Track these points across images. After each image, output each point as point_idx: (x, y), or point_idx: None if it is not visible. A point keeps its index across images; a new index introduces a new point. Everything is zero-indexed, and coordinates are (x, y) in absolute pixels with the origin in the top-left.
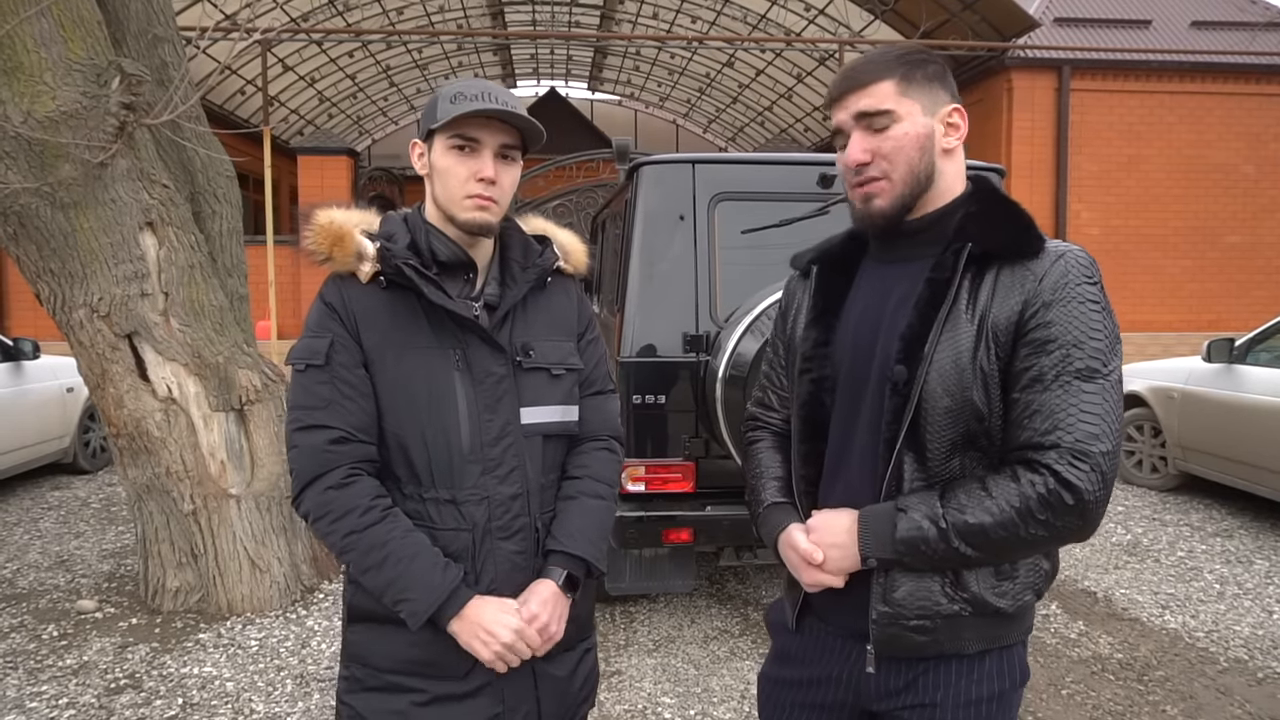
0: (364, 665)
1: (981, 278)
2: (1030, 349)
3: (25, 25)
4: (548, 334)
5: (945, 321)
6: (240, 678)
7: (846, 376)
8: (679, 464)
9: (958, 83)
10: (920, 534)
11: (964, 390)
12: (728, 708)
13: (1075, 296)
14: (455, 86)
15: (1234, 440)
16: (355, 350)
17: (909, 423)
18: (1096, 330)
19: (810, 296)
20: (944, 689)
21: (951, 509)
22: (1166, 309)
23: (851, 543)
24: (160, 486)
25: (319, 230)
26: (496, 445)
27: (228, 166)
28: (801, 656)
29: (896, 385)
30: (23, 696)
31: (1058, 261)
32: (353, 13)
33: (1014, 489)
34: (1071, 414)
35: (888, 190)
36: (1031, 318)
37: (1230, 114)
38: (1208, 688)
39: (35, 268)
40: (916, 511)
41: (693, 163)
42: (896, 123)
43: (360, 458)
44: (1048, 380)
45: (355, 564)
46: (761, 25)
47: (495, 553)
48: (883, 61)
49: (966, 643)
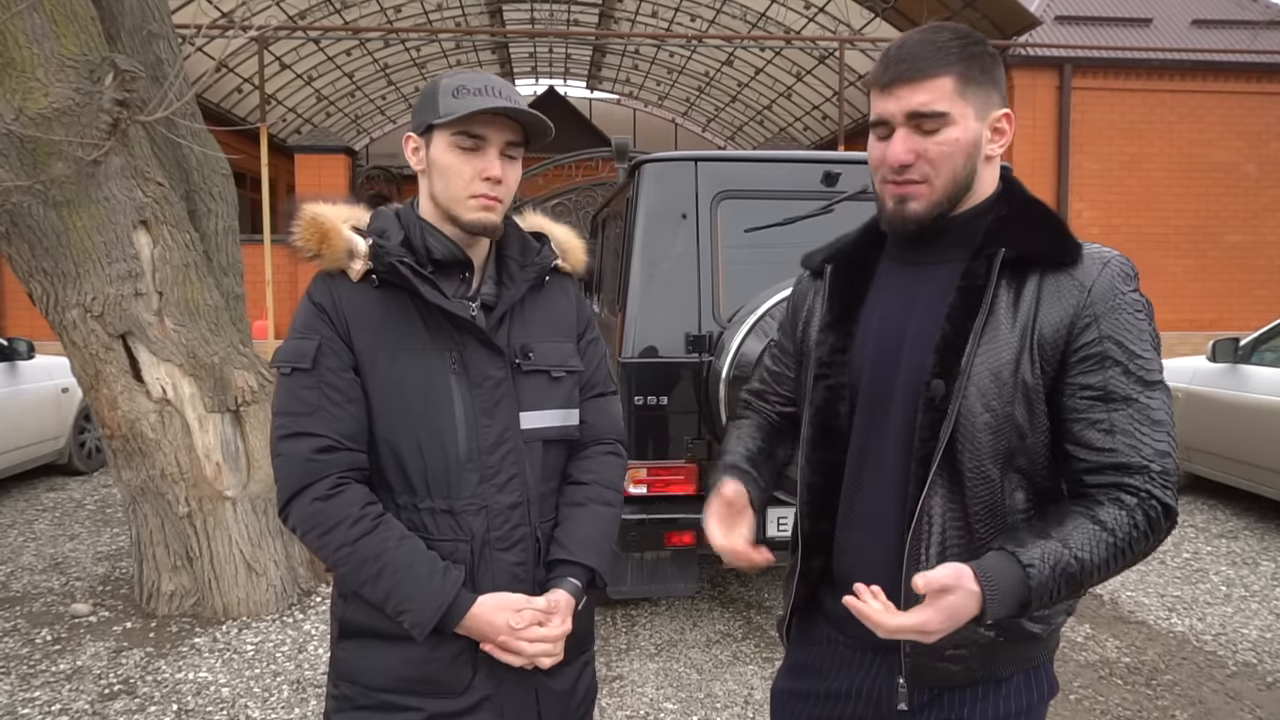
0: (354, 684)
1: (1022, 285)
2: (1090, 363)
3: (17, 20)
4: (547, 335)
5: (983, 332)
6: (236, 683)
7: (869, 387)
8: (681, 466)
9: None
10: (1046, 587)
11: (1005, 405)
12: (731, 713)
13: (1126, 305)
14: (456, 78)
15: (1239, 441)
16: (345, 353)
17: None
18: (1146, 338)
19: (825, 299)
20: (970, 705)
21: (1079, 554)
22: (1169, 308)
23: (974, 608)
24: (155, 489)
25: (307, 225)
26: (495, 452)
27: (223, 164)
28: (819, 669)
29: (933, 400)
30: (15, 702)
31: (1104, 269)
32: (350, 10)
33: (1126, 519)
34: (1144, 432)
35: (926, 195)
36: (1084, 330)
37: (1231, 113)
38: (1217, 692)
39: (28, 267)
40: (1046, 566)
41: (695, 160)
42: (949, 126)
43: (349, 466)
44: (1116, 398)
45: (350, 577)
46: (761, 23)
47: (494, 565)
48: (944, 51)
49: (1000, 668)
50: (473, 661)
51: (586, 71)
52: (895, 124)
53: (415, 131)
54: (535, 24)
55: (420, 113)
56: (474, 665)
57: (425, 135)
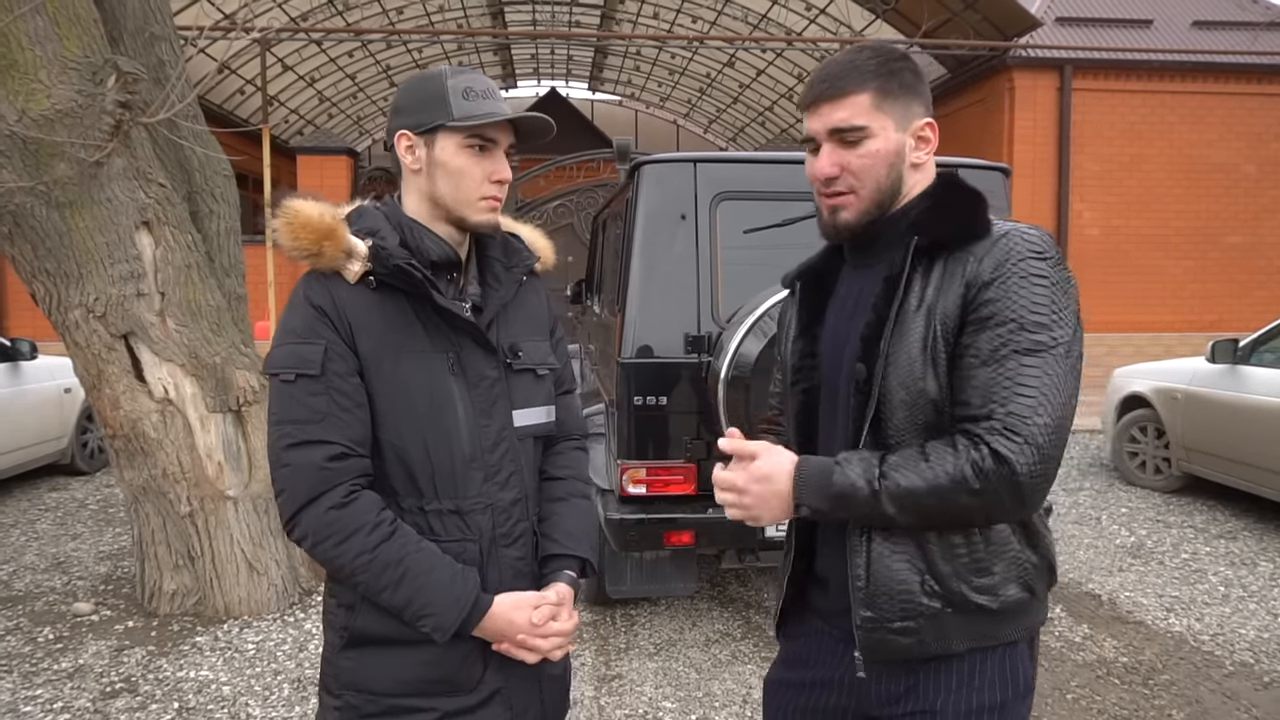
0: (361, 692)
1: (930, 269)
2: (973, 328)
3: (19, 22)
4: (529, 334)
5: (897, 318)
6: (237, 681)
7: (826, 382)
8: (680, 466)
9: (958, 82)
10: (852, 490)
11: (916, 382)
12: (729, 712)
13: (1016, 273)
14: (461, 79)
15: (1238, 441)
16: (351, 358)
17: (871, 418)
18: (1040, 305)
19: (795, 311)
20: (944, 695)
21: (888, 470)
22: (1168, 309)
23: (786, 485)
24: (157, 488)
25: (304, 224)
26: (495, 450)
27: (225, 166)
28: (804, 659)
29: (858, 383)
30: (17, 700)
31: (1000, 241)
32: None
33: (950, 457)
34: (1006, 387)
35: (854, 204)
36: (974, 299)
37: (1232, 114)
38: (1214, 692)
39: (30, 268)
40: (853, 468)
41: (694, 162)
42: (869, 139)
43: (360, 472)
44: (984, 355)
45: (368, 584)
46: (762, 25)
47: (500, 561)
48: (860, 70)
49: (953, 641)
50: (483, 657)
51: (588, 73)
52: (820, 140)
53: (412, 130)
54: (537, 26)
55: (418, 111)
56: (484, 661)
57: (426, 135)
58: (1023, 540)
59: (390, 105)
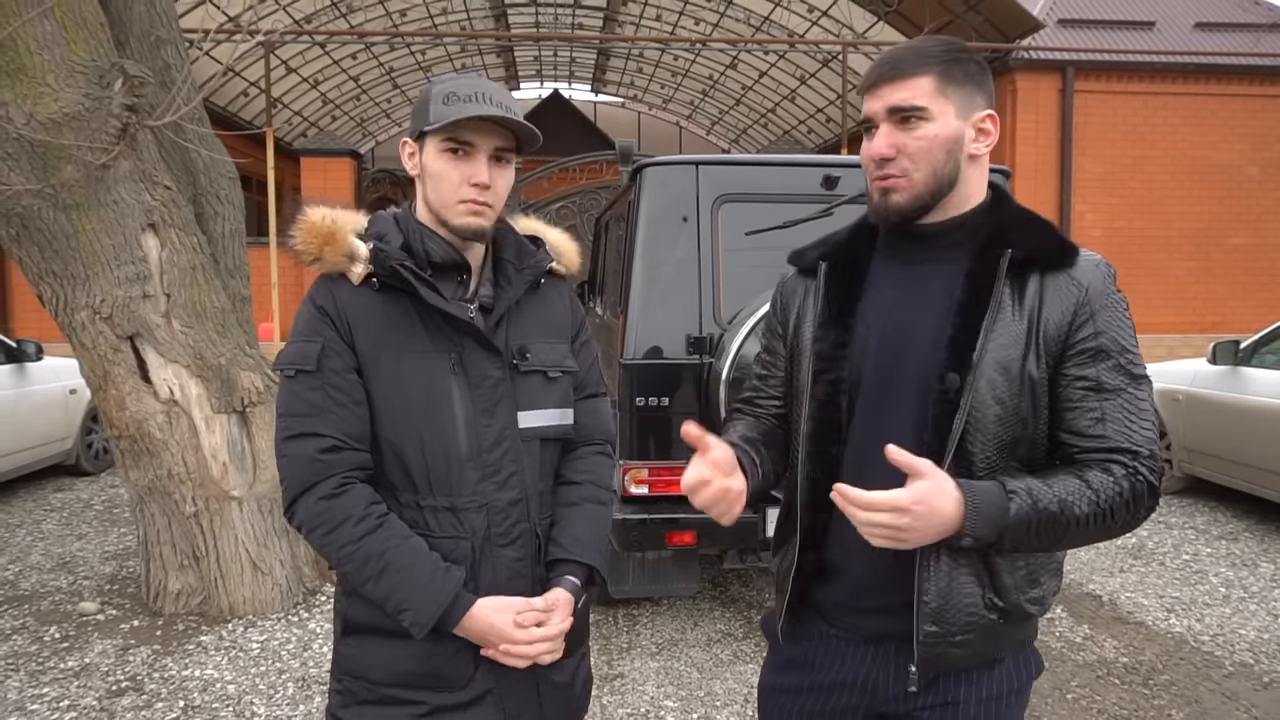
0: (358, 678)
1: (1025, 283)
2: (1086, 356)
3: (28, 27)
4: (543, 336)
5: (992, 328)
6: (242, 680)
7: (872, 381)
8: (683, 466)
9: None
10: (1027, 519)
11: (1014, 398)
12: (730, 711)
13: (1115, 303)
14: (448, 84)
15: (1239, 443)
16: (348, 355)
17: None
18: (1132, 335)
19: (822, 295)
20: (966, 686)
21: (1056, 492)
22: (1171, 311)
23: (955, 512)
24: (162, 488)
25: (310, 228)
26: (495, 450)
27: (230, 168)
28: (810, 662)
29: (946, 394)
30: (24, 699)
31: (1096, 269)
32: (356, 15)
33: (1111, 484)
34: (1133, 420)
35: (907, 188)
36: (1081, 325)
37: (1234, 115)
38: (1213, 692)
39: (38, 269)
40: (1022, 498)
41: (696, 164)
42: (928, 122)
43: (354, 465)
44: (1108, 389)
45: (353, 575)
46: (764, 27)
47: (495, 560)
48: (924, 54)
49: (1002, 650)
50: (474, 656)
51: (591, 75)
52: (878, 120)
53: (410, 137)
54: (540, 28)
55: (415, 119)
56: (475, 660)
57: (419, 141)
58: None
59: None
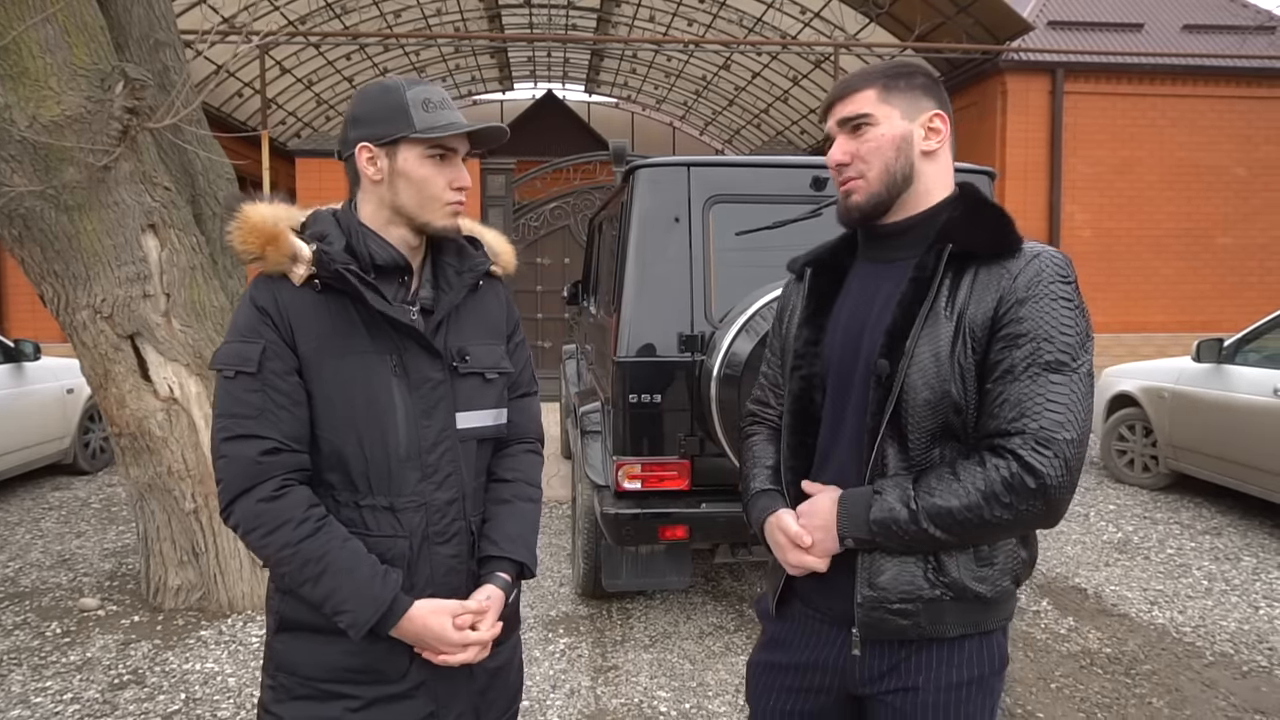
0: (293, 674)
1: (961, 277)
2: (1003, 343)
3: (31, 31)
4: (481, 338)
5: (926, 319)
6: (242, 673)
7: (835, 372)
8: (674, 462)
9: (951, 85)
10: (892, 515)
11: (942, 384)
12: (722, 701)
13: (1048, 294)
14: (419, 90)
15: (1223, 439)
16: (289, 356)
17: (891, 413)
18: (1067, 326)
19: (804, 298)
20: (926, 672)
21: (922, 492)
22: (1159, 310)
23: (833, 524)
24: (162, 485)
25: (251, 228)
26: (434, 451)
27: (228, 169)
28: (789, 641)
29: (880, 378)
30: (27, 692)
31: (1032, 261)
32: (350, 16)
33: (980, 473)
34: (1038, 403)
35: (864, 188)
36: (1006, 314)
37: (1222, 116)
38: (1193, 681)
39: (40, 270)
40: (890, 495)
41: (688, 165)
42: (873, 126)
43: (293, 467)
44: (1017, 372)
45: (291, 576)
46: (757, 28)
47: (432, 558)
48: (868, 73)
49: (948, 626)
50: (409, 649)
51: (585, 75)
52: (834, 135)
53: (374, 142)
54: (534, 29)
55: (379, 124)
56: (410, 653)
57: (388, 146)
58: (1019, 539)
59: (346, 116)
